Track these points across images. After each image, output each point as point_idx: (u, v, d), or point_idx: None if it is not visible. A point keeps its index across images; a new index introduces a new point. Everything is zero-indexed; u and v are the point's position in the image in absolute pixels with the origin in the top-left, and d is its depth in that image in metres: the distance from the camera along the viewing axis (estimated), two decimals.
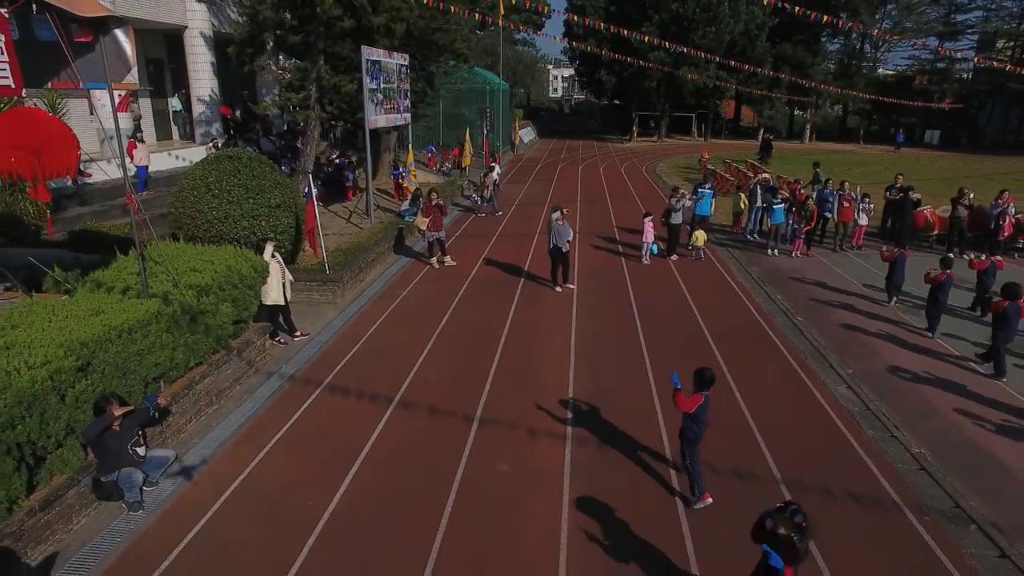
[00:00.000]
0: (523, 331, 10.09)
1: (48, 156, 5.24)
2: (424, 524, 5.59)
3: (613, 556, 5.25)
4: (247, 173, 11.30)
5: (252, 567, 5.08)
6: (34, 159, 5.13)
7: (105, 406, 5.45)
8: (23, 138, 5.10)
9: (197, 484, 6.17)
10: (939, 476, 6.44)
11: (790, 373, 8.84)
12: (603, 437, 7.04)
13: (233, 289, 7.88)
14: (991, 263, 10.64)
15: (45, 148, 5.19)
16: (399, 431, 7.15)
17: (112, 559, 5.15)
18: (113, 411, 5.41)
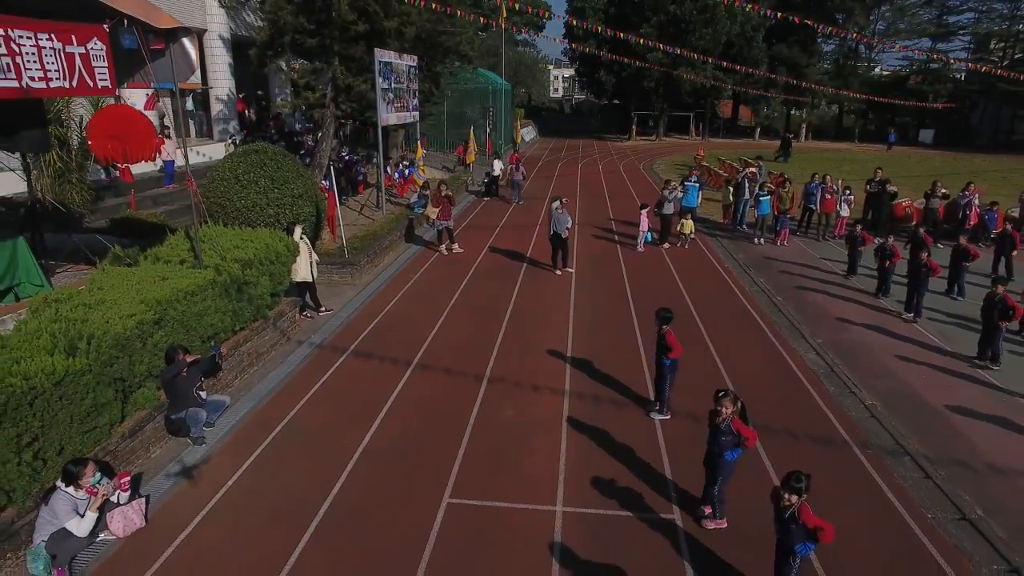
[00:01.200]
0: (526, 308, 11.14)
1: (133, 144, 6.28)
2: (443, 455, 6.63)
3: (602, 473, 6.30)
4: (273, 165, 12.28)
5: (302, 487, 6.11)
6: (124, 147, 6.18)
7: (175, 355, 6.49)
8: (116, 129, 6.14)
9: (247, 426, 7.21)
10: (884, 421, 7.49)
11: (766, 342, 9.88)
12: (597, 392, 8.08)
13: (270, 264, 8.92)
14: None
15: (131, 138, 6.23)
16: (418, 387, 8.19)
17: (176, 489, 6.15)
18: (183, 359, 6.45)
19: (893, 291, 11.90)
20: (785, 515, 4.39)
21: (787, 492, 4.34)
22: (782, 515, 4.41)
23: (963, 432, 7.33)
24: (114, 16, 6.03)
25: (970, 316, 10.51)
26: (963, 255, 11.73)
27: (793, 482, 4.33)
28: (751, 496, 5.67)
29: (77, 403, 5.35)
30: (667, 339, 7.00)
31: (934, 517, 5.83)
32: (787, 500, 4.34)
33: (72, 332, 5.66)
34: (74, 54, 5.74)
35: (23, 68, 5.30)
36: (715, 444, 5.44)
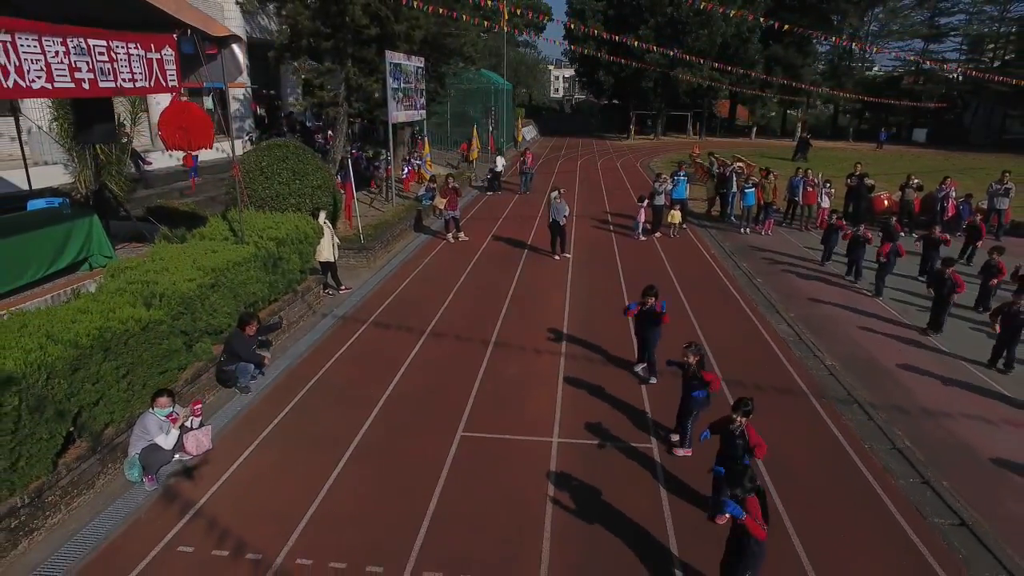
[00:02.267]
0: (527, 287, 12.25)
1: (195, 135, 7.39)
2: (456, 401, 7.74)
3: (592, 414, 7.41)
4: (294, 159, 13.40)
5: (336, 425, 7.21)
6: (188, 136, 7.29)
7: (248, 322, 7.60)
8: (182, 122, 7.25)
9: (285, 380, 8.32)
10: (840, 377, 8.60)
11: (743, 315, 10.99)
12: (589, 355, 9.19)
13: (300, 244, 10.04)
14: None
15: (194, 128, 7.33)
16: (432, 350, 9.30)
17: (232, 424, 7.26)
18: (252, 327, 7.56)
19: (865, 275, 12.93)
20: (736, 432, 5.47)
21: (738, 414, 5.42)
22: (732, 432, 5.49)
23: (906, 385, 8.44)
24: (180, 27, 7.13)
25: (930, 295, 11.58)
26: (934, 243, 12.78)
27: (743, 406, 5.43)
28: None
29: (155, 347, 6.47)
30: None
31: (870, 447, 6.94)
32: (737, 420, 5.42)
33: (146, 291, 6.78)
34: (152, 59, 6.84)
35: (118, 71, 6.40)
36: (686, 388, 6.56)
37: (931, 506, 5.98)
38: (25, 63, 5.37)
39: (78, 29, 5.89)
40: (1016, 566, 5.20)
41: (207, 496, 5.93)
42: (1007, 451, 6.89)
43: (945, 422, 7.52)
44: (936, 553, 5.36)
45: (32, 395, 4.93)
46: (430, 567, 5.11)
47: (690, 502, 6.00)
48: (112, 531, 5.46)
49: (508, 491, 6.09)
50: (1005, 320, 8.75)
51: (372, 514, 5.72)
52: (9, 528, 4.98)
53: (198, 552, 5.25)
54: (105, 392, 5.84)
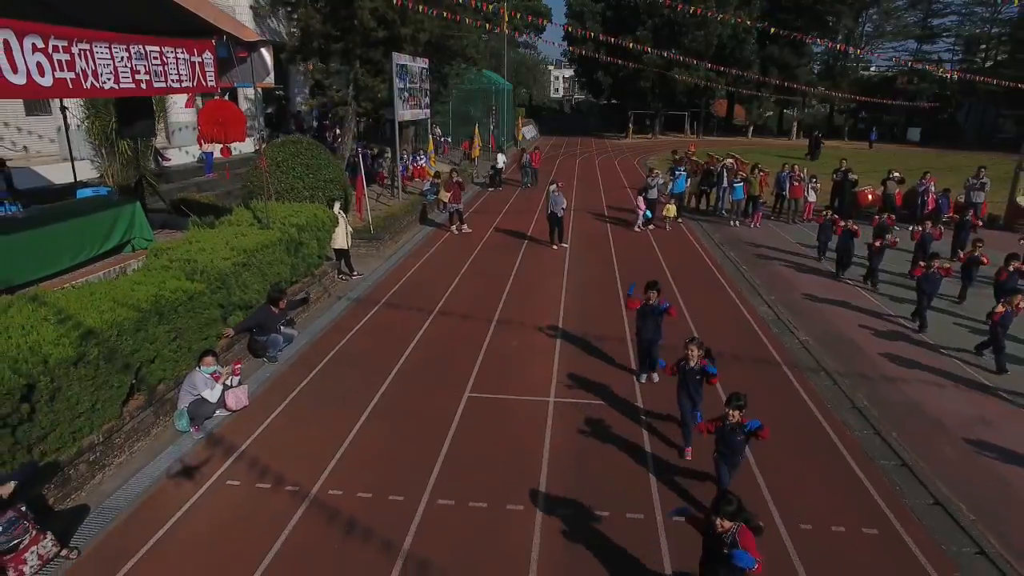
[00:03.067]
0: (527, 273, 13.12)
1: (230, 129, 8.25)
2: (464, 368, 8.61)
3: (585, 378, 8.28)
4: (308, 154, 14.26)
5: (356, 387, 8.07)
6: (225, 130, 8.15)
7: (278, 298, 8.46)
8: (219, 117, 8.11)
9: (307, 352, 9.18)
10: (812, 350, 9.47)
11: (727, 298, 11.86)
12: (583, 331, 10.05)
13: (317, 231, 10.91)
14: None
15: (230, 123, 8.19)
16: (440, 327, 10.17)
17: (264, 387, 8.13)
18: (283, 304, 8.43)
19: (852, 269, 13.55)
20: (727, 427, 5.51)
21: (731, 408, 5.44)
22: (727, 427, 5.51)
23: (871, 357, 9.31)
24: (217, 33, 7.99)
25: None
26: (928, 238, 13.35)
27: (734, 400, 5.48)
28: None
29: (198, 315, 7.34)
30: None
31: (833, 407, 7.80)
32: (731, 416, 5.46)
33: (188, 268, 7.65)
34: (195, 62, 7.70)
35: (168, 73, 7.27)
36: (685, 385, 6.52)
37: (879, 451, 6.85)
38: (99, 67, 6.23)
39: (138, 37, 6.75)
40: (942, 495, 6.06)
41: (247, 442, 6.80)
42: (949, 409, 7.77)
43: (901, 386, 8.39)
44: (879, 488, 6.23)
45: (107, 347, 5.80)
46: (443, 497, 5.98)
47: (665, 443, 6.87)
48: (168, 470, 6.33)
49: (510, 439, 6.96)
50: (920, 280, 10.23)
51: (391, 457, 6.59)
52: (88, 461, 5.85)
53: (244, 485, 6.12)
54: (160, 351, 6.72)
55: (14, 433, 4.95)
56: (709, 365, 6.40)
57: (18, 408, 4.92)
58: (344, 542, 5.36)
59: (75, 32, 5.93)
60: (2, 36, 5.17)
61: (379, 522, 5.59)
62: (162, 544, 5.32)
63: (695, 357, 6.47)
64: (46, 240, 7.31)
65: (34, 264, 7.17)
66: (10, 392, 4.80)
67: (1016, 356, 9.15)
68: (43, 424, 5.23)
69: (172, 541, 5.36)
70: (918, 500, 6.06)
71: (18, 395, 4.91)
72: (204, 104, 8.41)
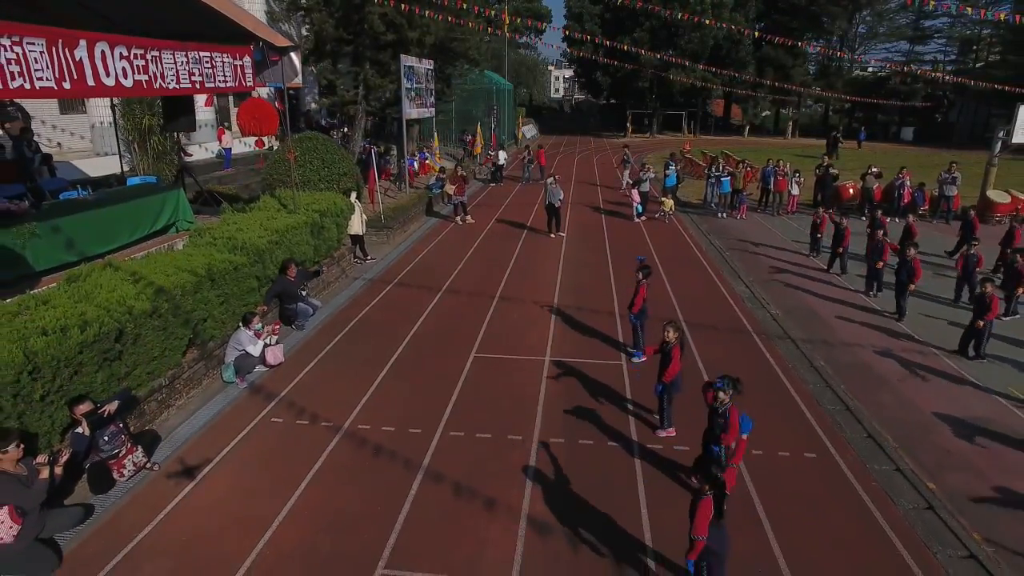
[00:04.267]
0: (526, 258, 14.26)
1: (264, 124, 9.39)
2: (470, 335, 9.75)
3: (577, 341, 9.42)
4: (323, 149, 15.38)
5: (376, 349, 9.21)
6: (260, 124, 9.29)
7: (288, 266, 9.59)
8: (256, 113, 9.24)
9: (330, 322, 10.32)
10: (780, 321, 10.60)
11: (709, 280, 13.00)
12: (576, 306, 11.19)
13: (336, 216, 12.06)
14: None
15: (265, 118, 9.32)
16: (448, 302, 11.31)
17: (294, 351, 9.26)
18: (292, 270, 9.56)
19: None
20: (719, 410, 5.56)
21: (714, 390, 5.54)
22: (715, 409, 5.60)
23: (832, 327, 10.44)
24: (254, 39, 9.13)
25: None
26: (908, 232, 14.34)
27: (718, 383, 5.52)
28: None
29: (241, 284, 8.48)
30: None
31: (793, 367, 8.93)
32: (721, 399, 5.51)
33: (230, 243, 8.79)
34: (237, 65, 8.84)
35: (216, 75, 8.40)
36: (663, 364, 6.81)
37: (827, 399, 7.98)
38: (165, 71, 7.36)
39: (193, 44, 7.88)
40: (874, 429, 7.20)
41: (285, 391, 7.95)
42: (892, 367, 8.90)
43: (855, 351, 9.52)
44: (822, 425, 7.35)
45: (173, 304, 6.94)
46: (454, 430, 7.12)
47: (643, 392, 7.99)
48: (220, 411, 7.47)
49: (510, 388, 8.10)
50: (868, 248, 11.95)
51: (409, 402, 7.73)
52: (157, 400, 6.99)
53: (285, 422, 7.26)
54: (211, 312, 7.86)
55: (110, 366, 6.09)
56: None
57: (113, 346, 6.06)
58: (373, 462, 6.50)
59: (148, 42, 7.05)
60: (100, 47, 6.30)
61: (401, 448, 6.74)
62: (224, 463, 6.46)
63: (672, 338, 6.79)
64: (110, 219, 8.45)
65: (101, 239, 8.30)
66: (109, 333, 5.94)
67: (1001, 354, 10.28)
68: (128, 363, 6.37)
69: (232, 460, 6.51)
70: (854, 434, 7.19)
71: (113, 336, 6.05)
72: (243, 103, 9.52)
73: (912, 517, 5.80)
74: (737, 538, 5.13)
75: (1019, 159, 33.50)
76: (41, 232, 7.27)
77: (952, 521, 5.71)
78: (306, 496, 5.96)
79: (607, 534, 5.51)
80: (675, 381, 6.86)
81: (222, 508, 5.77)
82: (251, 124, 9.25)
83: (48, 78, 5.69)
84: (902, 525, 5.68)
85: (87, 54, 6.15)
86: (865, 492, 6.14)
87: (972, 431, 7.25)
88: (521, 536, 5.47)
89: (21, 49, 5.37)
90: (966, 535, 5.53)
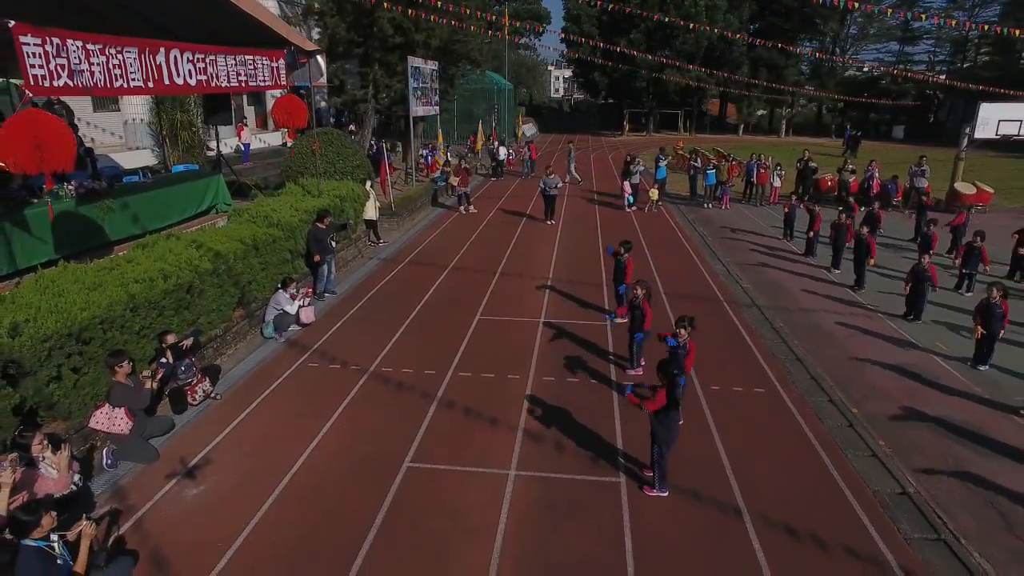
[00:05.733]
0: (524, 242, 15.64)
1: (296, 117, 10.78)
2: (474, 303, 11.12)
3: (568, 308, 10.79)
4: (337, 143, 16.76)
5: (392, 313, 10.58)
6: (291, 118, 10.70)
7: (325, 214, 10.92)
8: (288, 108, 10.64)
9: (351, 293, 11.70)
10: (750, 292, 11.97)
11: (690, 260, 14.37)
12: (568, 280, 12.56)
13: (354, 202, 13.43)
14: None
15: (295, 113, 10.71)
16: (454, 278, 12.68)
17: (322, 315, 10.62)
18: (326, 220, 10.89)
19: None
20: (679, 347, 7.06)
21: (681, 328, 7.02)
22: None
23: (795, 297, 11.81)
24: (287, 44, 10.49)
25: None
26: (873, 217, 15.75)
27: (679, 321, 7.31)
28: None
29: (278, 254, 9.86)
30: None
31: (755, 327, 10.29)
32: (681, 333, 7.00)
33: (267, 220, 10.17)
34: (273, 67, 10.20)
35: (257, 75, 9.77)
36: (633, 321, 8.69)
37: (781, 352, 9.34)
38: (219, 72, 8.73)
39: (240, 49, 9.25)
40: (816, 372, 8.58)
41: (318, 343, 9.33)
42: (841, 328, 10.27)
43: (811, 315, 10.89)
44: (773, 370, 8.71)
45: (227, 266, 8.32)
46: (463, 371, 8.49)
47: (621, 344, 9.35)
48: (264, 358, 8.85)
49: (510, 342, 9.47)
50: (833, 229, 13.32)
51: (424, 352, 9.10)
52: (214, 348, 8.37)
53: (320, 367, 8.64)
54: (255, 276, 9.24)
55: (183, 313, 7.47)
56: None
57: (185, 296, 7.44)
58: (396, 393, 7.88)
59: (205, 48, 8.40)
60: (173, 54, 7.66)
61: (419, 383, 8.11)
62: (272, 395, 7.84)
63: (640, 294, 8.26)
64: (165, 199, 9.82)
65: (159, 216, 9.68)
66: (183, 284, 7.32)
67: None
68: (195, 312, 7.75)
69: (279, 393, 7.89)
70: (799, 376, 8.56)
71: (185, 288, 7.42)
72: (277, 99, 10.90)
73: (835, 432, 7.17)
74: (691, 445, 6.53)
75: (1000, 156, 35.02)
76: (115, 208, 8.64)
77: (865, 434, 7.09)
78: (343, 416, 7.34)
79: (588, 440, 6.88)
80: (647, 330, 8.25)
81: (276, 425, 7.15)
82: (284, 117, 10.61)
83: (139, 79, 7.05)
84: (826, 437, 7.05)
85: (165, 59, 7.51)
86: (800, 416, 7.51)
87: (897, 373, 8.64)
88: (518, 441, 6.85)
89: (123, 56, 6.71)
90: (873, 442, 6.90)
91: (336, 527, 5.52)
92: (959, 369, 8.81)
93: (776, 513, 5.73)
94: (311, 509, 5.75)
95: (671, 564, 5.15)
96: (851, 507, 5.87)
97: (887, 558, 5.25)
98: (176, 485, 6.07)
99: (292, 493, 5.98)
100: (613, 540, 5.42)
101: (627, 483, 6.17)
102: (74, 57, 5.99)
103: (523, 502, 5.87)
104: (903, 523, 5.66)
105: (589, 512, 5.76)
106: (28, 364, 5.35)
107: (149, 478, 6.14)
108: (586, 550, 5.30)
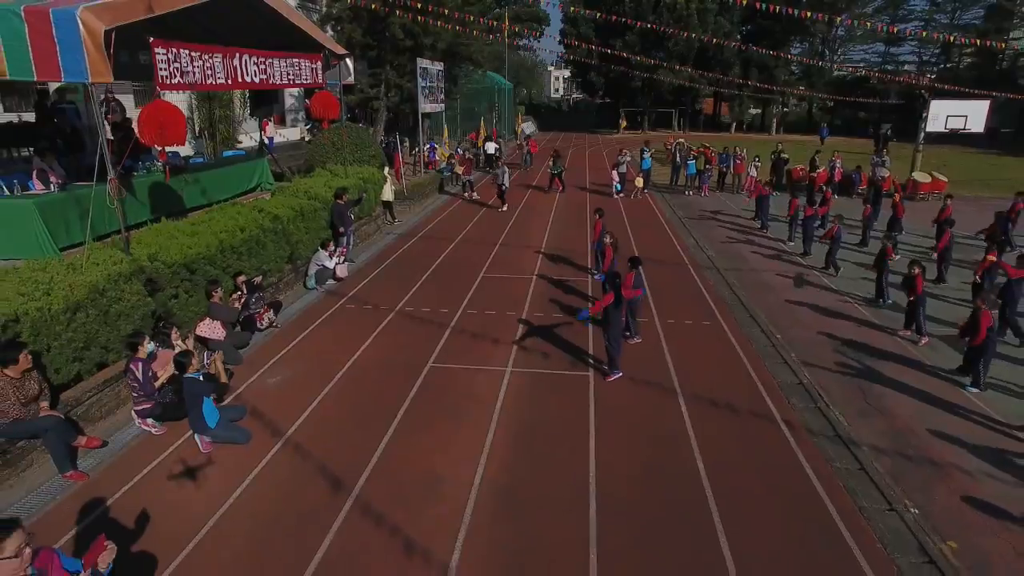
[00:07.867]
0: (522, 223, 17.77)
1: (328, 111, 12.88)
2: (477, 267, 13.23)
3: (557, 266, 12.91)
4: (355, 136, 18.90)
5: (406, 278, 12.69)
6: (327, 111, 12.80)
7: (343, 192, 13.03)
8: (324, 103, 12.74)
9: (370, 261, 13.82)
10: (712, 258, 14.08)
11: (664, 234, 16.49)
12: (559, 248, 14.68)
13: (374, 184, 15.56)
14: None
15: (329, 108, 12.82)
16: (461, 247, 14.81)
17: (350, 275, 12.75)
18: (344, 197, 12.99)
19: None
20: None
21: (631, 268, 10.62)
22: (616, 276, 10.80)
23: (750, 262, 13.92)
24: (322, 48, 12.61)
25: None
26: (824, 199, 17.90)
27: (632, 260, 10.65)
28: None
29: (317, 221, 11.98)
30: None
31: (712, 283, 12.40)
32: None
33: (307, 195, 12.28)
34: (312, 68, 12.31)
35: (300, 74, 11.90)
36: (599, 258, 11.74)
37: (729, 298, 11.45)
38: (274, 71, 10.84)
39: (288, 53, 11.38)
40: (755, 312, 10.68)
41: (352, 292, 11.45)
42: (783, 282, 12.39)
43: (761, 274, 13.01)
44: (720, 310, 10.82)
45: (283, 226, 10.43)
46: (470, 309, 10.61)
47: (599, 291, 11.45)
48: (309, 303, 10.97)
49: (508, 292, 11.59)
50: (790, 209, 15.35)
51: (439, 297, 11.22)
52: (272, 293, 10.49)
53: (356, 308, 10.76)
54: (301, 238, 11.36)
55: (251, 259, 9.59)
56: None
57: (254, 246, 9.56)
58: (418, 324, 10.00)
59: (263, 52, 10.49)
60: (244, 57, 9.77)
61: (436, 318, 10.23)
62: (320, 325, 9.96)
63: (608, 241, 10.82)
64: (224, 176, 11.94)
65: (219, 190, 11.78)
66: (254, 235, 9.46)
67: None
68: (260, 260, 9.87)
69: (325, 325, 10.01)
70: (740, 314, 10.67)
71: (255, 240, 9.55)
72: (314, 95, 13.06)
73: (761, 350, 9.26)
74: (644, 355, 8.63)
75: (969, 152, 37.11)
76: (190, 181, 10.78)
77: (782, 350, 9.19)
78: (378, 338, 9.45)
79: (567, 348, 8.99)
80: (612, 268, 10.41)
81: (326, 343, 9.27)
82: (319, 110, 12.70)
83: (222, 77, 9.14)
84: (753, 354, 9.13)
85: (238, 62, 9.60)
86: (735, 340, 9.62)
87: (818, 312, 10.76)
88: (513, 350, 8.97)
89: (212, 60, 8.81)
90: (787, 354, 9.01)
91: (380, 402, 7.63)
92: (868, 309, 10.93)
93: (703, 393, 7.84)
94: (360, 392, 7.87)
95: (621, 422, 7.25)
96: (759, 391, 7.97)
97: (776, 416, 7.35)
98: (258, 377, 8.19)
99: (345, 383, 8.10)
100: (580, 406, 7.53)
101: (594, 376, 8.29)
102: (184, 62, 8.09)
103: (516, 386, 7.99)
104: (794, 398, 7.77)
105: (564, 391, 7.87)
106: (160, 281, 7.47)
107: (240, 374, 8.26)
108: (561, 412, 7.41)
